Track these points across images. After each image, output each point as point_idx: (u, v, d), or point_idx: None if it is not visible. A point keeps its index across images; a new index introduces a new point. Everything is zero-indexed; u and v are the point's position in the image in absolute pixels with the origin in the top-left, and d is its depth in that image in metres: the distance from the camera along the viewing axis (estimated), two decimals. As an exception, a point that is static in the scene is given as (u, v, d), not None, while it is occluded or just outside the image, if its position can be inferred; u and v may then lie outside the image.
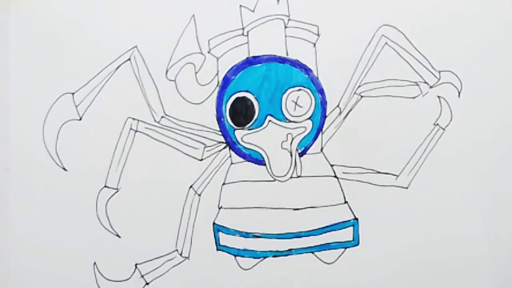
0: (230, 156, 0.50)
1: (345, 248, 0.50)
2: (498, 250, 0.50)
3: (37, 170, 0.49)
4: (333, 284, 0.50)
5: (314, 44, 0.49)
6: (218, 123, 0.49)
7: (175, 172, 0.49)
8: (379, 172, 0.50)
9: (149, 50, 0.48)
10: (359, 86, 0.49)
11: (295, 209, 0.50)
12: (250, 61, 0.49)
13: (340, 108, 0.49)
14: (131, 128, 0.49)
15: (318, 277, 0.50)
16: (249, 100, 0.49)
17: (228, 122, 0.49)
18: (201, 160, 0.49)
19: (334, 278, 0.50)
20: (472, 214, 0.50)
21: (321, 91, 0.49)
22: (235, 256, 0.50)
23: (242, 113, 0.49)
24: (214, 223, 0.50)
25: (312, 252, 0.50)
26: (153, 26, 0.48)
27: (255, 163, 0.50)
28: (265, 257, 0.50)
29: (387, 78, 0.49)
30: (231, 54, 0.48)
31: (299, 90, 0.49)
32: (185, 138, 0.49)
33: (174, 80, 0.48)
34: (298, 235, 0.50)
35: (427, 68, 0.49)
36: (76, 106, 0.48)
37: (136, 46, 0.48)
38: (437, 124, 0.50)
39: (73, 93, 0.48)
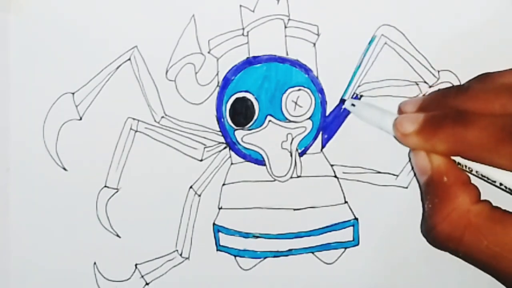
0: (230, 157, 0.50)
1: (345, 248, 0.50)
2: (497, 250, 0.50)
3: (37, 170, 0.49)
4: (333, 284, 0.50)
5: (314, 44, 0.49)
6: (218, 123, 0.49)
7: (175, 172, 0.49)
8: (379, 172, 0.50)
9: (149, 50, 0.48)
10: (359, 86, 0.49)
11: (295, 209, 0.50)
12: (250, 61, 0.49)
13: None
14: (131, 128, 0.49)
15: (318, 277, 0.50)
16: (249, 100, 0.49)
17: (228, 123, 0.49)
18: (201, 160, 0.49)
19: (334, 278, 0.50)
20: (471, 214, 0.50)
21: (321, 91, 0.49)
22: (235, 256, 0.50)
23: (242, 113, 0.49)
24: (214, 224, 0.50)
25: (312, 252, 0.50)
26: (153, 26, 0.48)
27: (255, 163, 0.50)
28: (265, 257, 0.50)
29: (387, 78, 0.49)
30: (231, 54, 0.48)
31: (299, 90, 0.49)
32: (185, 138, 0.49)
33: (174, 80, 0.48)
34: (298, 235, 0.50)
35: (426, 68, 0.49)
36: (76, 106, 0.48)
37: (136, 46, 0.48)
38: (437, 124, 0.50)
39: (73, 93, 0.48)
